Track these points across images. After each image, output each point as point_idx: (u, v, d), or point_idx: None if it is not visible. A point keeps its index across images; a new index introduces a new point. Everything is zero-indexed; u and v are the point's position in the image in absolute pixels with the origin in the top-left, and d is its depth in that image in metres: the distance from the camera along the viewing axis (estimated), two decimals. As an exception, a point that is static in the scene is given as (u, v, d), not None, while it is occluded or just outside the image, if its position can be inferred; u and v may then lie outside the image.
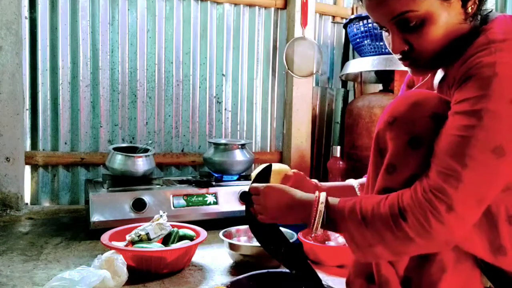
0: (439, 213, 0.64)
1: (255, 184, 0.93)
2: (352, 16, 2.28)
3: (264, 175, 0.98)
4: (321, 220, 0.79)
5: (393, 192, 0.73)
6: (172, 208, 1.71)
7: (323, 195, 0.81)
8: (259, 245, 0.98)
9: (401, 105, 0.75)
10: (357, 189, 1.08)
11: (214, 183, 1.87)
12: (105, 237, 1.30)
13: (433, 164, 0.68)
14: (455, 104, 0.69)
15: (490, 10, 0.78)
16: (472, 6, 0.74)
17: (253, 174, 1.01)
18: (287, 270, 0.96)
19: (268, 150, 2.58)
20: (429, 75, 0.91)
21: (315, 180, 1.11)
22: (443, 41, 0.74)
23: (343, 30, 2.63)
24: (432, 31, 0.73)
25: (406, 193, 0.69)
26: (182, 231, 1.40)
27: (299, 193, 0.87)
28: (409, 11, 0.72)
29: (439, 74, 0.87)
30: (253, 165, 2.20)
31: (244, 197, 1.81)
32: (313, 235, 1.40)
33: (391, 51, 0.79)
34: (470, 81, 0.67)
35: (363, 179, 1.08)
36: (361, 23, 2.17)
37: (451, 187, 0.64)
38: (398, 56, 0.79)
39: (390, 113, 0.76)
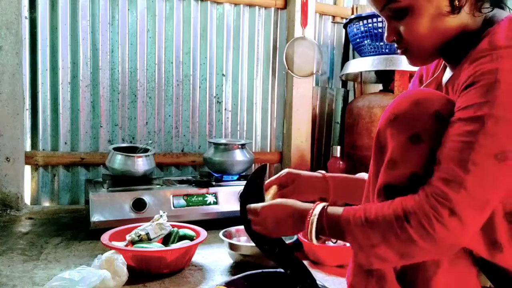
0: (442, 217, 0.65)
1: (252, 206, 0.93)
2: (352, 16, 2.28)
3: (259, 175, 0.98)
4: (313, 230, 0.80)
5: (395, 188, 0.74)
6: (172, 208, 1.71)
7: (319, 207, 0.81)
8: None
9: (403, 103, 0.76)
10: None
11: (214, 183, 1.87)
12: (105, 237, 1.30)
13: (436, 170, 0.69)
14: (458, 111, 0.70)
15: (492, 8, 0.77)
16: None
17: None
18: (282, 270, 0.97)
19: (268, 150, 2.58)
20: (439, 71, 0.91)
21: (323, 172, 1.08)
22: (431, 32, 0.77)
23: (343, 30, 2.63)
24: (417, 21, 0.76)
25: (410, 197, 0.70)
26: (182, 231, 1.41)
27: (298, 204, 0.87)
28: (392, 2, 0.76)
29: (448, 74, 0.87)
30: (253, 165, 2.20)
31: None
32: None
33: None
34: (472, 88, 0.68)
35: None
36: (361, 23, 2.17)
37: (453, 192, 0.65)
38: (395, 44, 0.84)
39: (392, 110, 0.77)
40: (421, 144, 0.72)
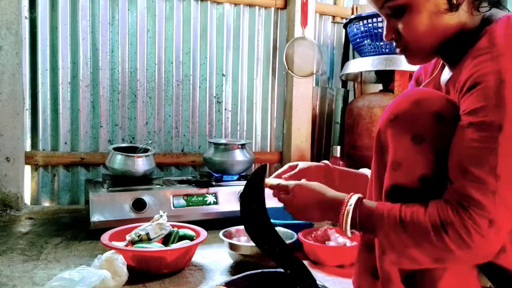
0: (481, 228, 0.65)
1: (283, 182, 0.94)
2: (352, 16, 2.28)
3: (259, 175, 0.98)
4: (349, 221, 0.78)
5: (403, 189, 0.74)
6: (172, 208, 1.71)
7: (354, 197, 0.80)
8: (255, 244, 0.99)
9: (403, 102, 0.76)
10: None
11: (214, 183, 1.87)
12: (105, 237, 1.30)
13: (461, 178, 0.68)
14: (465, 115, 0.69)
15: (490, 7, 0.77)
16: None
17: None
18: (282, 270, 0.97)
19: (268, 150, 2.58)
20: (437, 71, 0.91)
21: (326, 161, 1.09)
22: (429, 30, 0.77)
23: (343, 30, 2.63)
24: (415, 19, 0.77)
25: (445, 206, 0.69)
26: (182, 231, 1.40)
27: (330, 192, 0.86)
28: (390, 0, 0.77)
29: (446, 73, 0.87)
30: (253, 165, 2.20)
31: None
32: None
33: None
34: (477, 89, 0.67)
35: None
36: (361, 23, 2.17)
37: (489, 201, 0.65)
38: (394, 43, 0.84)
39: (392, 110, 0.77)
40: (423, 143, 0.72)
